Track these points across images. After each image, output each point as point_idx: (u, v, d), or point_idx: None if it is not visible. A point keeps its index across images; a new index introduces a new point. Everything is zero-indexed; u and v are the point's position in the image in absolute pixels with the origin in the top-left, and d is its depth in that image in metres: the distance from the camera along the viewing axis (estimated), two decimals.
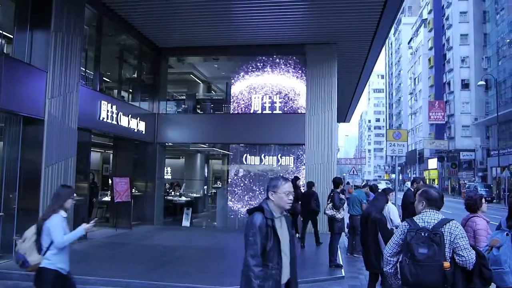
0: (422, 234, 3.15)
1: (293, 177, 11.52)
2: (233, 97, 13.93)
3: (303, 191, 11.03)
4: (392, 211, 6.79)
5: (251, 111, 13.77)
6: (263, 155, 13.64)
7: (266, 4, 10.55)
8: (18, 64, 8.20)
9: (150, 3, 10.63)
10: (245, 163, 13.72)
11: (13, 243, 8.04)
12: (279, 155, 13.58)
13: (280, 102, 13.66)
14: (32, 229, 4.20)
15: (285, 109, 13.60)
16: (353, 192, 11.55)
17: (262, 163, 13.63)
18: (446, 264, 3.03)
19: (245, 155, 13.75)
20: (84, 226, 4.31)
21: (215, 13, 11.06)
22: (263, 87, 13.80)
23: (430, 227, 3.19)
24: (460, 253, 3.08)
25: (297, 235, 11.68)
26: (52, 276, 4.08)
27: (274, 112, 13.63)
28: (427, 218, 3.26)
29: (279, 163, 13.56)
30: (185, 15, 11.24)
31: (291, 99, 13.61)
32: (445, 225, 3.17)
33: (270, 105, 13.69)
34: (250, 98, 13.81)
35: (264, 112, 13.69)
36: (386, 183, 47.84)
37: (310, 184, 10.65)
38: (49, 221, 4.10)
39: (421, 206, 3.39)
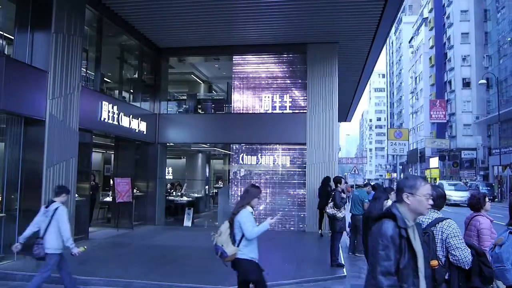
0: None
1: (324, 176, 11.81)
2: (234, 97, 13.92)
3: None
4: None
5: (252, 111, 13.76)
6: (264, 154, 13.64)
7: (267, 4, 10.55)
8: (19, 65, 8.22)
9: (151, 3, 10.63)
10: (246, 162, 13.71)
11: (15, 243, 8.06)
12: (280, 154, 13.57)
13: (281, 102, 13.65)
14: (226, 224, 4.68)
15: (286, 108, 13.59)
16: (350, 191, 11.57)
17: (263, 162, 13.63)
18: (433, 262, 3.05)
19: (246, 154, 13.74)
20: (270, 220, 4.64)
21: (216, 13, 11.06)
22: (264, 86, 13.79)
23: (424, 226, 3.23)
24: (453, 252, 3.10)
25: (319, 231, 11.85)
26: (251, 264, 4.57)
27: (275, 111, 13.62)
28: (424, 217, 3.30)
29: (280, 163, 13.55)
30: (185, 15, 11.24)
31: (292, 98, 13.60)
32: (438, 224, 3.21)
33: (271, 104, 13.68)
34: (251, 97, 13.80)
35: (265, 111, 13.68)
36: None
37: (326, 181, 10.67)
38: (239, 215, 4.58)
39: None
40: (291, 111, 13.54)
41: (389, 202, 6.47)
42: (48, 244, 5.54)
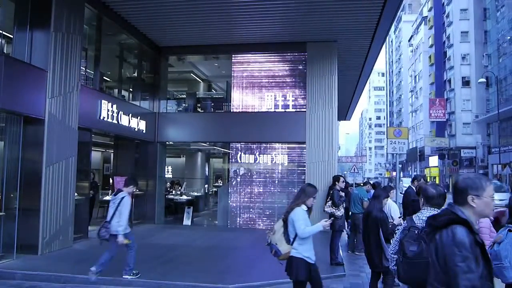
0: (415, 232, 3.21)
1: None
2: (233, 96, 13.91)
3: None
4: (393, 208, 6.80)
5: (252, 110, 13.76)
6: (263, 153, 13.63)
7: (266, 2, 10.53)
8: (18, 64, 8.21)
9: (150, 2, 10.61)
10: (246, 161, 13.71)
11: (14, 243, 8.08)
12: (280, 153, 13.57)
13: (281, 100, 13.65)
14: (280, 222, 4.66)
15: (286, 107, 13.59)
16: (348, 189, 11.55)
17: (263, 161, 13.62)
18: None
19: (245, 153, 13.74)
20: (324, 223, 4.59)
21: (215, 12, 11.05)
22: (264, 85, 13.78)
23: (424, 224, 3.23)
24: None
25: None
26: (301, 264, 4.48)
27: (275, 110, 13.61)
28: (423, 215, 3.34)
29: (280, 162, 13.55)
30: (185, 13, 11.23)
31: (291, 97, 13.59)
32: None
33: (270, 103, 13.68)
34: (251, 96, 13.80)
35: (264, 110, 13.68)
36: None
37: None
38: (293, 213, 4.54)
39: (421, 204, 3.46)
40: (290, 110, 13.53)
41: (389, 201, 6.48)
42: (113, 228, 6.51)
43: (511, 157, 32.09)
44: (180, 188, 16.45)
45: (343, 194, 8.67)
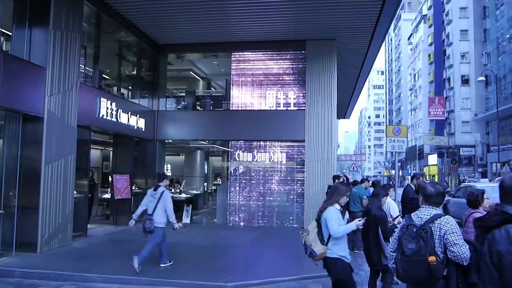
0: (413, 230, 3.22)
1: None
2: (233, 94, 13.90)
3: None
4: (392, 206, 6.80)
5: (251, 108, 13.75)
6: (262, 151, 13.63)
7: (265, 0, 10.52)
8: (17, 62, 8.19)
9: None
10: (245, 159, 13.71)
11: (13, 241, 8.07)
12: (279, 151, 13.57)
13: (280, 99, 13.64)
14: (313, 222, 4.59)
15: (285, 105, 13.58)
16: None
17: (262, 159, 13.62)
18: (431, 258, 3.07)
19: (245, 151, 13.74)
20: (357, 222, 4.55)
21: (215, 10, 11.03)
22: (263, 83, 13.77)
23: (422, 222, 3.25)
24: (451, 248, 3.12)
25: None
26: (338, 263, 4.43)
27: (274, 108, 13.61)
28: (421, 213, 3.35)
29: (279, 160, 13.54)
30: (184, 11, 11.20)
31: (290, 95, 13.58)
32: (436, 220, 3.22)
33: (269, 101, 13.67)
34: (250, 94, 13.79)
35: (263, 108, 13.67)
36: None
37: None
38: (326, 213, 4.47)
39: (420, 202, 3.47)
40: (290, 108, 13.53)
41: (388, 199, 6.48)
42: (156, 220, 7.20)
43: (510, 155, 32.12)
44: (179, 186, 16.43)
45: None
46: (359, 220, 4.58)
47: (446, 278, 3.12)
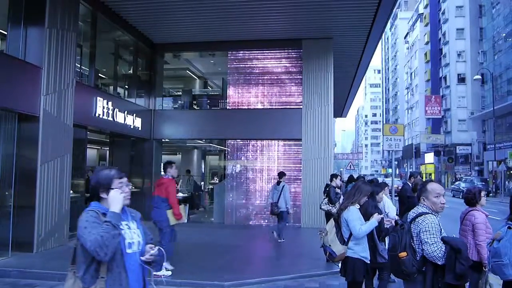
0: (398, 227, 3.43)
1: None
2: (229, 93, 13.88)
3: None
4: (388, 205, 6.81)
5: (248, 107, 13.74)
6: (259, 150, 13.63)
7: None
8: (12, 61, 8.14)
9: None
10: (242, 158, 13.71)
11: (9, 241, 8.04)
12: (276, 150, 13.57)
13: (277, 97, 13.64)
14: (332, 222, 4.48)
15: (281, 104, 13.58)
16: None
17: (259, 158, 13.62)
18: (402, 254, 3.22)
19: (241, 150, 13.74)
20: (377, 216, 4.48)
21: (211, 8, 11.00)
22: (259, 82, 13.77)
23: (409, 219, 3.40)
24: (422, 247, 3.23)
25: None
26: (358, 264, 4.33)
27: (270, 107, 13.61)
28: (412, 211, 3.46)
29: (276, 159, 13.55)
30: (180, 10, 11.18)
31: (287, 94, 13.59)
32: (417, 218, 3.31)
33: (266, 100, 13.67)
34: (246, 93, 13.78)
35: (260, 107, 13.67)
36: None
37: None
38: (346, 213, 4.37)
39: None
40: (286, 107, 13.53)
41: (384, 197, 6.48)
42: (280, 205, 9.91)
43: (506, 153, 32.26)
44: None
45: (339, 191, 8.68)
46: (377, 214, 4.53)
47: (424, 274, 3.21)
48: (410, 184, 9.15)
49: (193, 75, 17.58)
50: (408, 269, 3.19)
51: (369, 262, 4.46)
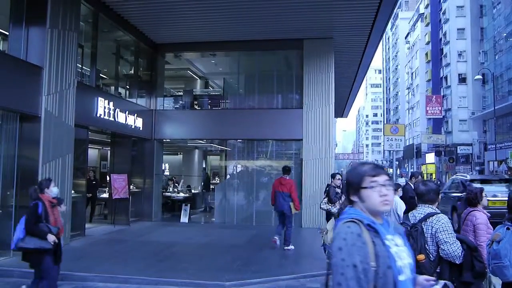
0: (406, 228, 3.27)
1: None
2: (230, 93, 13.89)
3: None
4: (400, 206, 6.74)
5: (249, 107, 13.75)
6: (260, 150, 13.64)
7: None
8: (14, 61, 8.16)
9: None
10: (243, 158, 13.72)
11: (11, 240, 8.04)
12: (277, 150, 13.58)
13: (277, 97, 13.65)
14: (332, 221, 4.53)
15: (282, 104, 13.59)
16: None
17: (260, 158, 13.63)
18: (419, 256, 3.10)
19: (242, 150, 13.75)
20: None
21: (212, 9, 11.01)
22: (260, 82, 13.77)
23: (416, 220, 3.30)
24: (441, 246, 3.15)
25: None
26: None
27: (271, 107, 13.62)
28: (417, 212, 3.39)
29: (277, 159, 13.56)
30: (182, 10, 11.19)
31: (288, 94, 13.60)
32: (428, 219, 3.25)
33: (267, 100, 13.68)
34: (247, 93, 13.79)
35: (261, 107, 13.67)
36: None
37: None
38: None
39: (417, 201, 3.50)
40: (287, 107, 13.53)
41: (396, 198, 6.48)
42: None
43: (507, 153, 32.17)
44: (177, 185, 16.43)
45: (339, 190, 8.66)
46: None
47: (439, 276, 3.14)
48: (412, 185, 9.15)
49: (194, 75, 17.60)
50: (427, 272, 3.06)
51: None
